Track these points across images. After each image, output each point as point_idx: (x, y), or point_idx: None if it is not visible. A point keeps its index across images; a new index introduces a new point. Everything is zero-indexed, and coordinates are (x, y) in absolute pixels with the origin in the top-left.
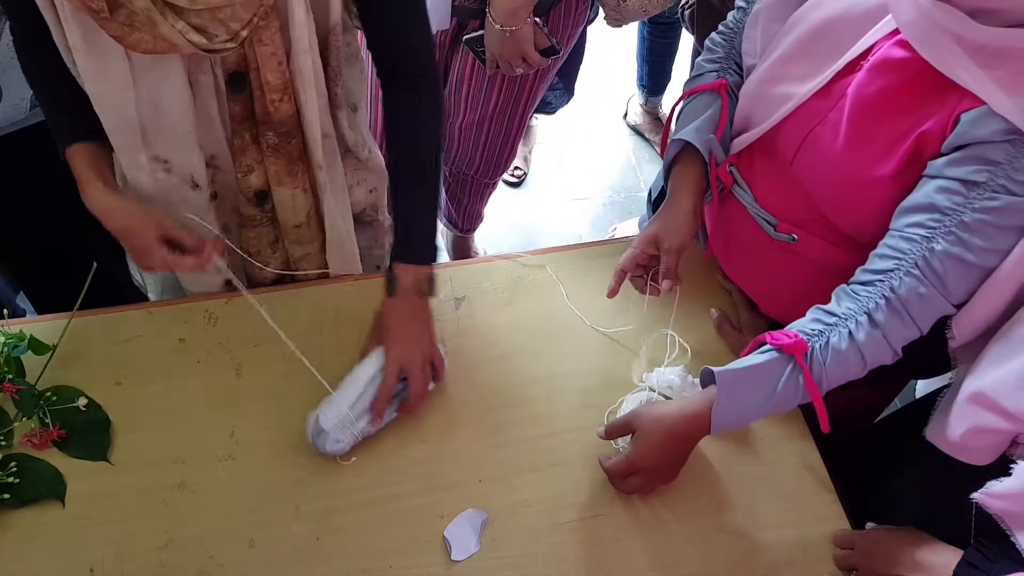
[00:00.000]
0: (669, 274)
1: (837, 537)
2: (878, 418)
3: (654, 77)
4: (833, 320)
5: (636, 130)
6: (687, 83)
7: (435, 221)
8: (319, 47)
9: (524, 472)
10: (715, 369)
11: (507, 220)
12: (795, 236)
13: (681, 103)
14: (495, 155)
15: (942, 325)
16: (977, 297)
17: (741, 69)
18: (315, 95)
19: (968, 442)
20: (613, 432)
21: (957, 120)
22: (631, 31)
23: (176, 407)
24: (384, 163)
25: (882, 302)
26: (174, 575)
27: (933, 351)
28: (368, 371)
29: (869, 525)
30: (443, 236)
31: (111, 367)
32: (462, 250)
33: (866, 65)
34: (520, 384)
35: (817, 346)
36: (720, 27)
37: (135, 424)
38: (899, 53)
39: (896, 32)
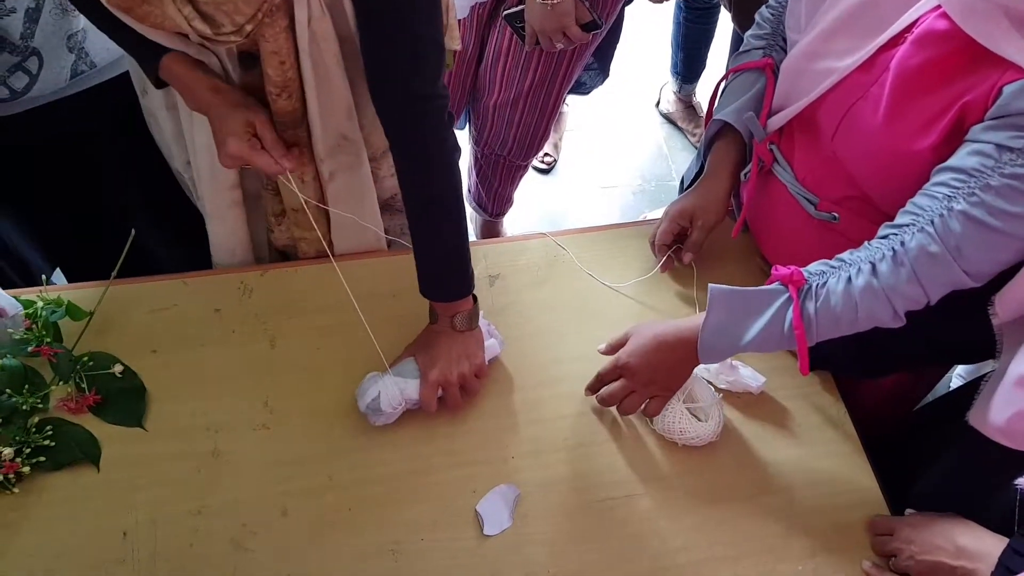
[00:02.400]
0: (695, 248)
1: (875, 523)
2: (919, 404)
3: (688, 64)
4: (838, 264)
5: (668, 118)
6: (734, 58)
7: (462, 254)
8: (341, 52)
9: (557, 450)
10: (711, 285)
11: (536, 207)
12: (836, 215)
13: (726, 80)
14: (528, 135)
15: (985, 306)
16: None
17: (787, 49)
18: (321, 98)
19: (1014, 427)
20: (613, 345)
21: (1000, 92)
22: (666, 17)
23: (210, 376)
24: None
25: (889, 254)
26: (206, 541)
27: (976, 334)
28: (415, 370)
29: (909, 511)
30: (472, 221)
31: (147, 335)
32: (491, 235)
33: (910, 38)
34: (554, 362)
35: (814, 284)
36: (770, 1)
37: (170, 392)
38: (943, 25)
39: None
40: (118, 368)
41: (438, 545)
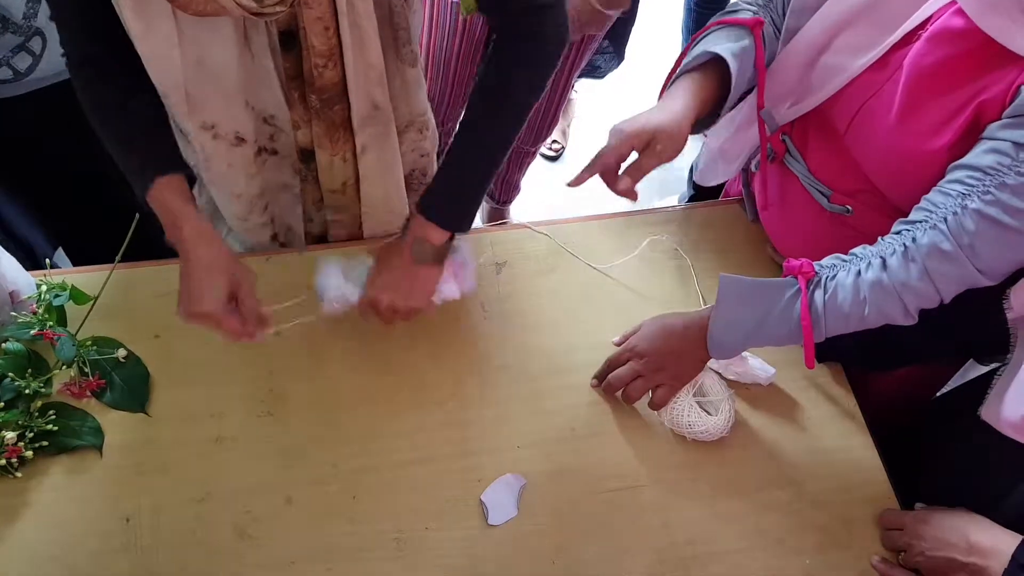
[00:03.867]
0: (640, 175)
1: (885, 517)
2: (933, 396)
3: None
4: (849, 258)
5: None
6: (717, 16)
7: (481, 190)
8: (379, 19)
9: (563, 440)
10: (722, 275)
11: (543, 194)
12: (850, 208)
13: (704, 33)
14: (537, 120)
15: (999, 300)
16: None
17: (777, 24)
18: (358, 64)
19: None
20: (626, 335)
21: (1018, 91)
22: (677, 3)
23: (214, 362)
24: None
25: (900, 249)
26: (209, 528)
27: (990, 328)
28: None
29: (919, 506)
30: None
31: (150, 320)
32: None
33: (924, 35)
34: (561, 352)
35: (824, 277)
36: None
37: (173, 377)
38: (959, 23)
39: (956, 1)
40: (121, 353)
41: (443, 534)
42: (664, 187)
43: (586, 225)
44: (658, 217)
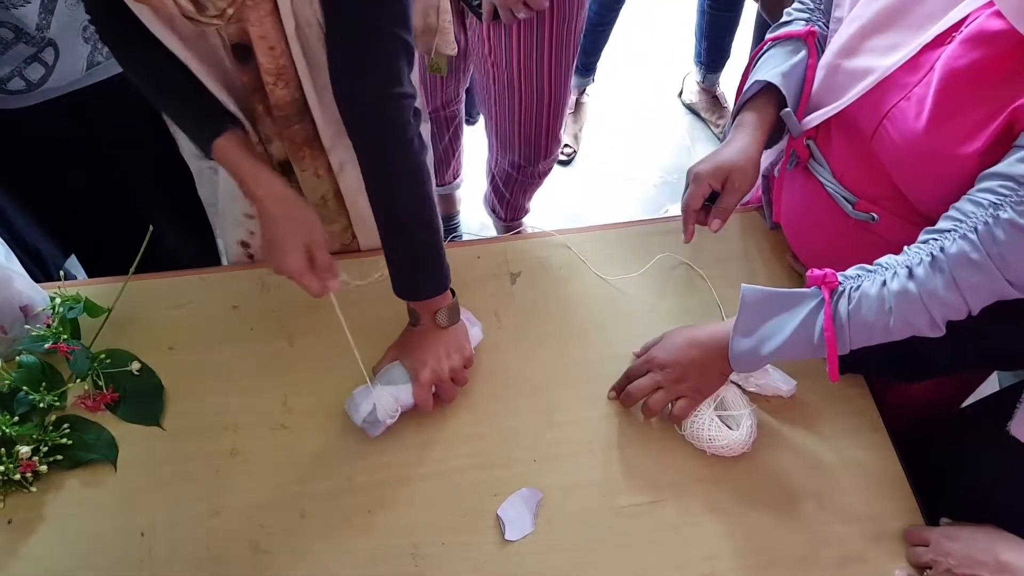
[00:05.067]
0: (727, 214)
1: (910, 533)
2: (959, 407)
3: (712, 54)
4: (874, 268)
5: (691, 109)
6: (772, 29)
7: (435, 252)
8: None
9: (581, 453)
10: (744, 286)
11: (556, 200)
12: (875, 215)
13: (763, 49)
14: (532, 132)
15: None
16: None
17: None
18: (312, 84)
19: None
20: (647, 346)
21: None
22: (690, 5)
23: (228, 374)
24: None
25: (927, 259)
26: (224, 543)
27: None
28: (404, 374)
29: (944, 521)
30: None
31: (164, 332)
32: (509, 231)
33: (959, 37)
34: (577, 363)
35: (848, 288)
36: None
37: (187, 390)
38: (996, 25)
39: (993, 2)
40: (135, 365)
41: (459, 549)
42: (678, 192)
43: (602, 234)
44: (675, 225)
